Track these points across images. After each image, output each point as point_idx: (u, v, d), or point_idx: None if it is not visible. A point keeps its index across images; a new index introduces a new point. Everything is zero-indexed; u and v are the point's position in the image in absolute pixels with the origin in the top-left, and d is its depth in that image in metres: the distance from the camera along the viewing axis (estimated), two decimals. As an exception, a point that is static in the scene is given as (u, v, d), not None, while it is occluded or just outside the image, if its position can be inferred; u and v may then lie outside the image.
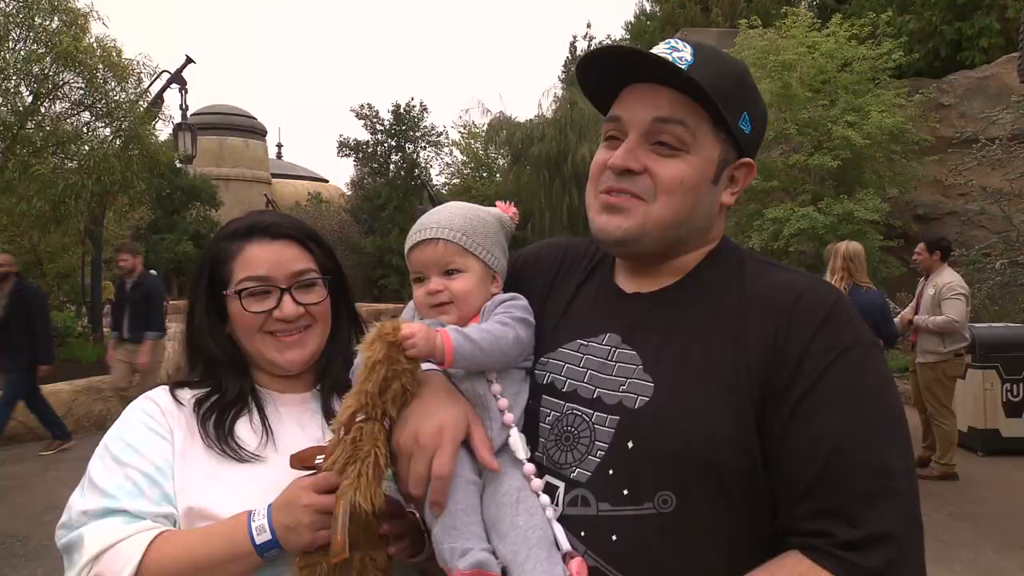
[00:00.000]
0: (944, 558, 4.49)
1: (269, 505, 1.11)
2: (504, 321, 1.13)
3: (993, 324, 7.82)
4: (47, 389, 8.57)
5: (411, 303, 1.25)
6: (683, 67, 1.02)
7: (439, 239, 1.18)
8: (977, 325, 7.46)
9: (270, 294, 1.25)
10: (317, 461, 1.09)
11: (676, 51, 1.05)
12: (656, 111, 1.05)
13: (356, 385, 1.05)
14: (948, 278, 6.32)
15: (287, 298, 1.25)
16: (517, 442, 1.08)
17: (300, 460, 1.12)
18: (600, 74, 1.11)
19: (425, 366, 1.10)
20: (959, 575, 4.39)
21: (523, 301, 1.19)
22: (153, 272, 21.24)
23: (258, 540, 1.08)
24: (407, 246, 1.23)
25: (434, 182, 29.21)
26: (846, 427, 0.94)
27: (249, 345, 1.28)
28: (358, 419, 1.04)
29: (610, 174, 1.09)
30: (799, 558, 0.92)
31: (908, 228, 12.27)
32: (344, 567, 1.04)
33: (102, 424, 8.74)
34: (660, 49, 1.07)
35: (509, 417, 1.09)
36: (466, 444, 1.06)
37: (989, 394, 6.93)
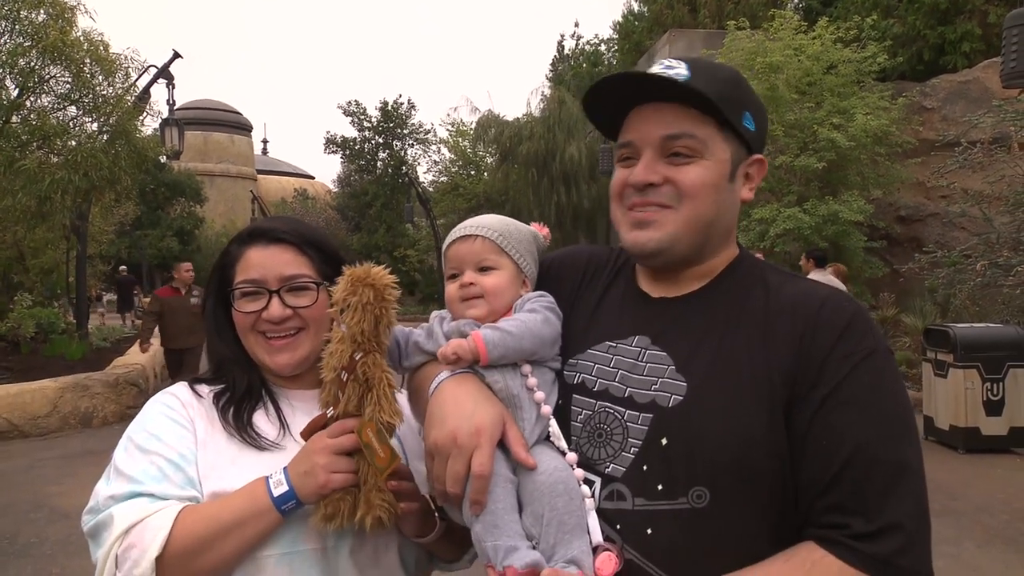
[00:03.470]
0: (927, 553, 4.59)
1: (285, 467, 1.18)
2: (532, 308, 1.18)
3: (974, 324, 7.97)
4: (32, 386, 8.50)
5: (434, 313, 1.29)
6: (683, 81, 1.09)
7: (477, 235, 1.24)
8: (958, 325, 7.62)
9: (261, 296, 1.30)
10: (329, 413, 1.16)
11: (671, 68, 1.12)
12: (664, 129, 1.11)
13: (348, 328, 1.13)
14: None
15: (275, 300, 1.30)
16: (557, 431, 1.12)
17: (311, 427, 1.18)
18: (606, 102, 1.18)
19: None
20: (941, 570, 4.42)
21: (550, 297, 1.23)
22: (123, 268, 20.89)
23: (275, 492, 1.14)
24: (445, 245, 1.29)
25: (421, 180, 29.10)
26: (866, 427, 1.00)
27: (245, 344, 1.34)
28: (358, 357, 1.13)
29: (632, 191, 1.14)
30: (812, 547, 0.98)
31: (891, 229, 12.46)
32: (357, 500, 1.13)
33: (88, 422, 8.66)
34: (656, 69, 1.13)
35: (547, 409, 1.13)
36: (501, 444, 1.09)
37: (970, 393, 7.08)
